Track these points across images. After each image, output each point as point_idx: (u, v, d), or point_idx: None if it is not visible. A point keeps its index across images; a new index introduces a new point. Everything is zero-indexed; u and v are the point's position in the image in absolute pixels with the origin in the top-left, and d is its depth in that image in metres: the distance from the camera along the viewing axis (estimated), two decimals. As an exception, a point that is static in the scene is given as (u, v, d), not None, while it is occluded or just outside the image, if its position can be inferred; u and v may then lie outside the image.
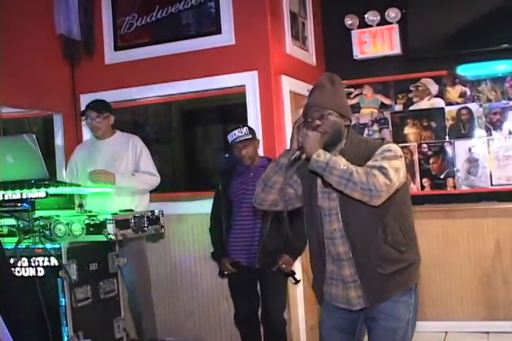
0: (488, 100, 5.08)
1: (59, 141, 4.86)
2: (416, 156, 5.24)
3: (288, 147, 2.53)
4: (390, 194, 2.32)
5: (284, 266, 3.72)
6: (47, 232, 3.26)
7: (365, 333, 2.72)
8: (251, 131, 3.87)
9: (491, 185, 5.05)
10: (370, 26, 5.24)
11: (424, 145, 5.23)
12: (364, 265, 2.44)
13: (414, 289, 2.55)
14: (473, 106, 5.11)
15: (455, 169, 5.15)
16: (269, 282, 3.83)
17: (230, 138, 3.83)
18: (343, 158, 2.35)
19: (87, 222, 3.21)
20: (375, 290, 2.46)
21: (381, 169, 2.29)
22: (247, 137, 3.80)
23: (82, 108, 4.79)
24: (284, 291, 3.91)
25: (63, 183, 3.57)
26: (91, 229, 3.20)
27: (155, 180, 4.24)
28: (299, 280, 3.86)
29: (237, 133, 3.80)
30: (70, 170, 4.37)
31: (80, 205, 4.08)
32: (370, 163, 2.36)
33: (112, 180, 4.00)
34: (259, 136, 4.17)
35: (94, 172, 4.02)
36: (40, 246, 3.23)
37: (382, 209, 2.38)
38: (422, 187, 5.22)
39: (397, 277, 2.46)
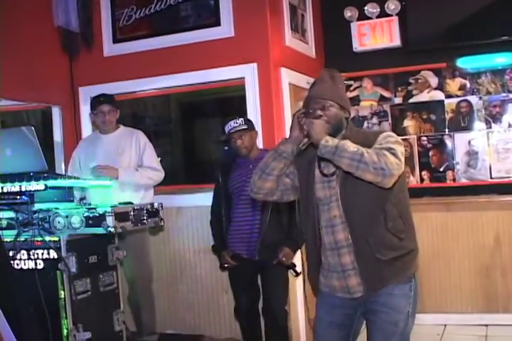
0: (488, 93, 5.07)
1: (57, 133, 4.84)
2: (415, 149, 5.24)
3: (287, 136, 2.56)
4: (399, 174, 2.35)
5: (284, 258, 3.72)
6: (46, 225, 3.25)
7: (359, 331, 2.72)
8: (247, 121, 3.87)
9: (491, 177, 5.05)
10: (370, 18, 5.23)
11: (424, 138, 5.23)
12: (363, 250, 2.46)
13: (414, 281, 2.57)
14: (473, 99, 5.10)
15: (454, 162, 5.15)
16: (270, 274, 3.83)
17: (226, 129, 3.86)
18: None
19: (86, 214, 3.20)
20: (374, 276, 2.47)
21: (390, 150, 2.34)
22: (242, 127, 3.80)
23: (81, 100, 4.83)
24: (285, 283, 3.90)
25: (62, 176, 3.56)
26: (90, 222, 3.19)
27: (158, 175, 4.23)
28: (300, 273, 3.86)
29: (233, 124, 3.82)
30: (73, 164, 4.34)
31: (82, 199, 4.08)
32: (376, 146, 2.40)
33: (115, 175, 3.99)
34: (259, 128, 4.16)
35: (96, 168, 4.01)
36: (40, 238, 3.22)
37: (383, 195, 2.42)
38: (422, 180, 5.22)
39: (396, 263, 2.48)
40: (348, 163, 2.29)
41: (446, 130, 5.18)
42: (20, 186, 3.28)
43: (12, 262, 3.21)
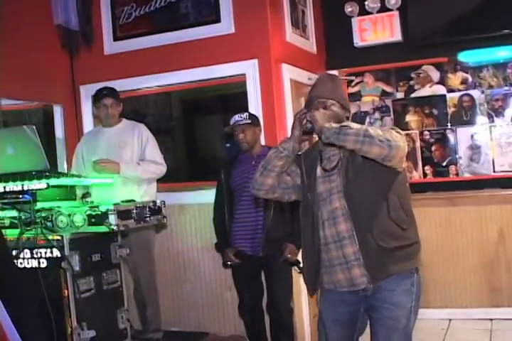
0: (490, 86, 5.06)
1: (59, 132, 4.84)
2: (418, 144, 5.22)
3: (288, 135, 2.62)
4: (404, 149, 2.40)
5: (289, 255, 3.71)
6: (49, 224, 3.25)
7: (364, 328, 2.73)
8: (252, 117, 3.88)
9: (494, 171, 5.04)
10: (371, 13, 5.21)
11: (426, 133, 5.21)
12: (366, 239, 2.48)
13: (417, 276, 2.58)
14: (475, 93, 5.09)
15: (457, 156, 5.14)
16: (274, 271, 3.82)
17: (231, 122, 3.88)
18: None
19: (88, 212, 3.19)
20: (377, 264, 2.49)
21: (391, 129, 2.44)
22: (245, 122, 3.81)
23: (82, 99, 4.85)
24: (290, 280, 3.89)
25: (64, 174, 3.56)
26: (93, 220, 3.19)
27: (161, 169, 4.21)
28: (304, 270, 3.85)
29: (237, 118, 3.84)
30: (76, 158, 4.34)
31: (84, 196, 4.07)
32: None
33: (117, 169, 3.98)
34: (261, 124, 4.15)
35: (98, 162, 3.99)
36: (43, 237, 3.22)
37: (385, 185, 2.48)
38: (425, 175, 5.21)
39: (399, 253, 2.50)
40: (354, 139, 2.32)
41: (449, 124, 5.16)
42: (22, 185, 3.27)
43: (15, 261, 3.21)
